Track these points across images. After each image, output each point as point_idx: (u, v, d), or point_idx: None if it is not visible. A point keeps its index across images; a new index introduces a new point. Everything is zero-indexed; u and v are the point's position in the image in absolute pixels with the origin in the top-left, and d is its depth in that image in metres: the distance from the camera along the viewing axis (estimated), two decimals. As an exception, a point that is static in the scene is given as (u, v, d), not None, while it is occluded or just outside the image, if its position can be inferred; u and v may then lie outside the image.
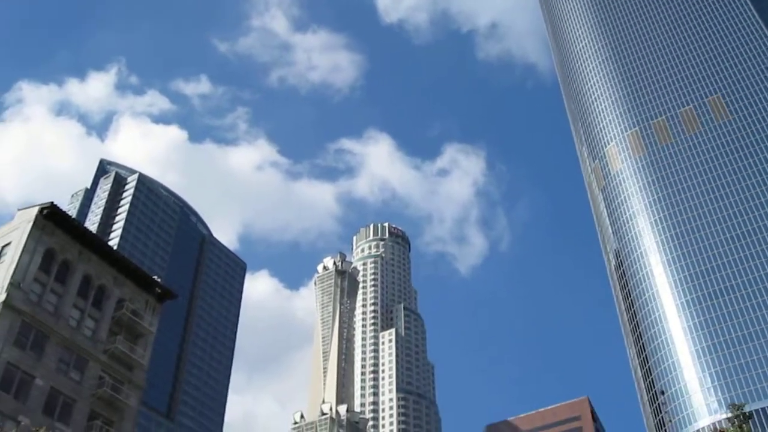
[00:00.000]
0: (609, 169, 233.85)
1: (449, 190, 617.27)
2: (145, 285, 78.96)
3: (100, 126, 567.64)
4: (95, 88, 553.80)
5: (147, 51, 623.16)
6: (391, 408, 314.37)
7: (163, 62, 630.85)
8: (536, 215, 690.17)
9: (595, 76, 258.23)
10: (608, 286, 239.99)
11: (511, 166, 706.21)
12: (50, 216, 71.00)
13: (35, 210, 70.85)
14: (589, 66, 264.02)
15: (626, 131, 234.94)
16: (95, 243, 77.15)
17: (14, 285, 65.06)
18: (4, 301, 63.53)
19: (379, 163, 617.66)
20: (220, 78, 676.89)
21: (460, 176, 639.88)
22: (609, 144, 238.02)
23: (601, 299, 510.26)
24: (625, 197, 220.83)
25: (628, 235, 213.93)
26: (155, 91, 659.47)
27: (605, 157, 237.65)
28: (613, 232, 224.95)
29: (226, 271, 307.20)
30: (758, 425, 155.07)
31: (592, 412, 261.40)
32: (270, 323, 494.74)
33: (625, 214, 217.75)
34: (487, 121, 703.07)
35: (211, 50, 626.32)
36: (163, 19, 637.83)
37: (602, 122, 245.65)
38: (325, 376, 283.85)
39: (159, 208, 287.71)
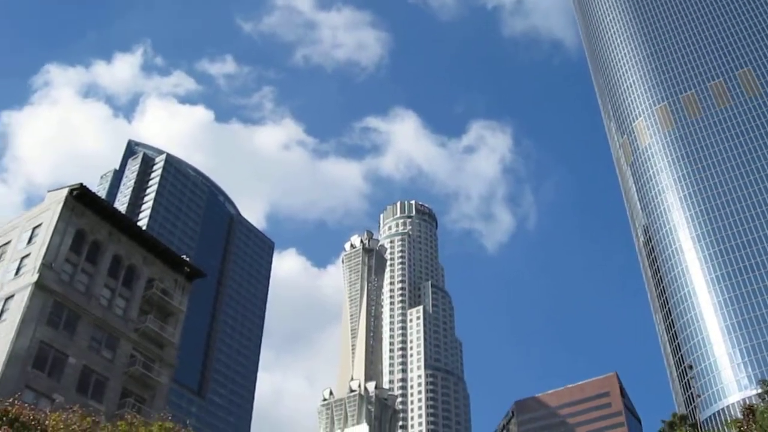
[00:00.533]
0: (637, 144, 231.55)
1: (476, 167, 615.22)
2: (174, 264, 79.75)
3: (127, 107, 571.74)
4: (121, 70, 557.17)
5: (172, 32, 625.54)
6: (419, 385, 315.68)
7: (188, 43, 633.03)
8: (563, 192, 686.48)
9: (623, 50, 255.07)
10: (637, 262, 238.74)
11: (538, 143, 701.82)
12: (80, 197, 71.81)
13: (65, 191, 71.67)
14: (616, 40, 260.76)
15: (655, 105, 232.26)
16: (125, 223, 78.06)
17: (46, 266, 66.02)
18: (37, 282, 64.53)
19: (405, 140, 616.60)
20: (245, 57, 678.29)
21: (486, 153, 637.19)
22: (637, 119, 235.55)
23: (630, 275, 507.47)
24: (653, 172, 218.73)
25: (657, 210, 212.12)
26: (181, 72, 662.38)
27: (633, 132, 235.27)
28: (641, 208, 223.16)
29: (254, 250, 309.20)
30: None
31: (621, 388, 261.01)
32: (298, 301, 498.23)
33: (654, 189, 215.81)
34: (514, 98, 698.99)
35: (235, 30, 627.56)
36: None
37: (630, 97, 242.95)
38: (353, 354, 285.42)
39: (187, 188, 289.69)
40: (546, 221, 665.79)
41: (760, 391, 67.09)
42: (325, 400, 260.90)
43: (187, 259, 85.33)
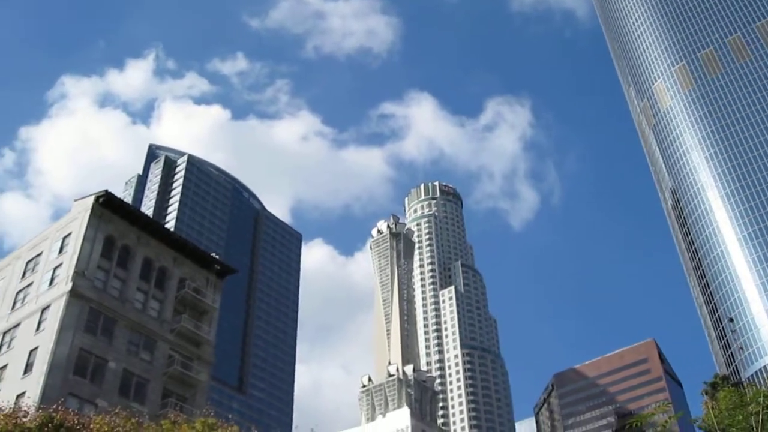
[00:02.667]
0: (658, 107, 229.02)
1: (496, 145, 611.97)
2: (204, 263, 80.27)
3: (143, 113, 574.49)
4: (134, 76, 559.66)
5: (181, 34, 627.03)
6: (456, 365, 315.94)
7: (198, 44, 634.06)
8: (587, 163, 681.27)
9: (637, 12, 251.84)
10: (666, 226, 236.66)
11: (558, 116, 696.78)
12: (106, 203, 72.43)
13: (91, 199, 72.28)
14: (629, 3, 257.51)
15: (673, 66, 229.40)
16: (152, 226, 78.72)
17: (79, 274, 66.71)
18: (71, 290, 65.23)
19: (424, 123, 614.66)
20: (255, 54, 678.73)
21: (506, 130, 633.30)
22: (656, 81, 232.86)
23: (659, 239, 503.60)
24: (677, 134, 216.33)
25: (683, 172, 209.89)
26: (194, 73, 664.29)
27: (653, 95, 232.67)
28: (667, 171, 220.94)
29: (282, 243, 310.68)
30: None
31: (659, 354, 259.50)
32: (328, 291, 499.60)
33: (679, 150, 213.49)
34: (529, 73, 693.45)
35: (243, 27, 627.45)
36: (193, 1, 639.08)
37: (648, 59, 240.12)
38: (388, 339, 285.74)
39: (211, 187, 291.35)
40: (571, 194, 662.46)
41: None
42: (364, 386, 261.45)
43: (217, 256, 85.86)
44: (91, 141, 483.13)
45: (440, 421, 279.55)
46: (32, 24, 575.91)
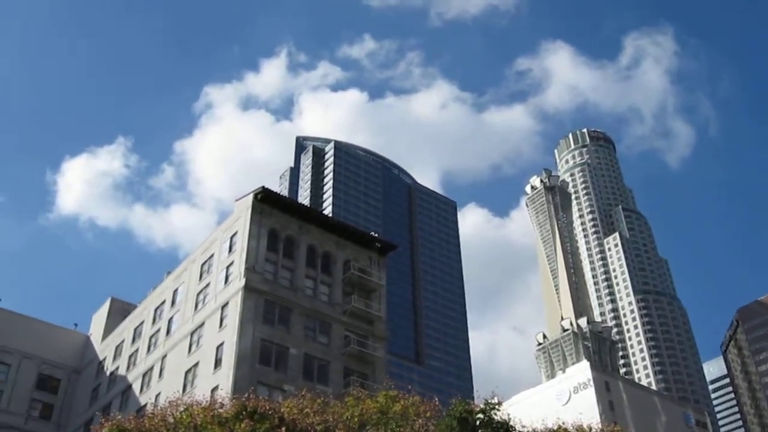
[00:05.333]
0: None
1: (642, 83, 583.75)
2: (365, 243, 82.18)
3: (284, 109, 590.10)
4: (270, 75, 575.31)
5: (307, 28, 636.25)
6: (632, 312, 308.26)
7: (324, 34, 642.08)
8: (743, 86, 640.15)
9: None
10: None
11: (705, 40, 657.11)
12: (265, 199, 75.55)
13: (250, 197, 75.62)
14: None
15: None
16: (311, 214, 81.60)
17: (249, 269, 70.08)
18: (245, 286, 68.65)
19: (563, 72, 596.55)
20: (381, 32, 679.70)
21: (650, 65, 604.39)
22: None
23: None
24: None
25: None
26: (325, 62, 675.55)
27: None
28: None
29: (437, 213, 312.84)
30: None
31: None
32: (489, 254, 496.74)
33: None
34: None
35: (365, 9, 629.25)
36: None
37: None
38: (557, 294, 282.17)
39: (361, 169, 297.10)
40: (728, 123, 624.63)
41: None
42: (539, 344, 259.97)
43: (376, 235, 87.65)
44: (241, 143, 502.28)
45: (622, 370, 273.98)
46: (170, 41, 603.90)
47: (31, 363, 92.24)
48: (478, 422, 43.83)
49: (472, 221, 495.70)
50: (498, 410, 44.39)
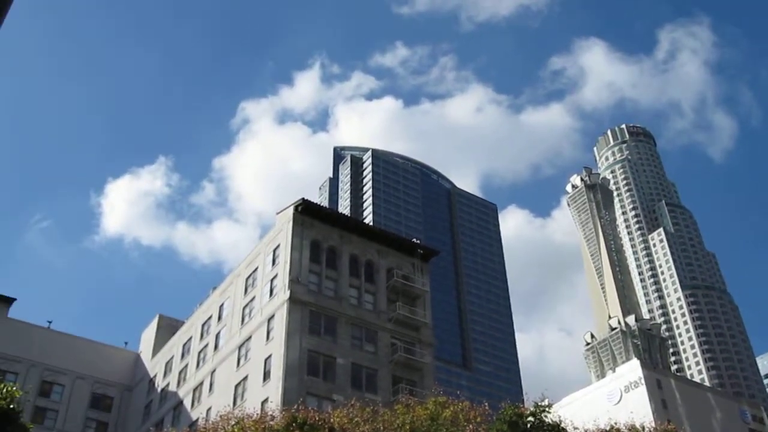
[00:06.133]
0: None
1: (680, 76, 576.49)
2: (407, 250, 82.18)
3: (320, 120, 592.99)
4: (305, 88, 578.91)
5: (339, 39, 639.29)
6: (680, 307, 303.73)
7: (356, 44, 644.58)
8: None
9: None
10: None
11: (744, 28, 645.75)
12: (305, 210, 76.01)
13: (291, 210, 76.13)
14: None
15: None
16: (352, 224, 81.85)
17: (294, 281, 70.49)
18: (290, 298, 69.04)
19: (599, 69, 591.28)
20: (413, 39, 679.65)
21: (687, 57, 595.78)
22: None
23: None
24: None
25: None
26: (359, 72, 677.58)
27: None
28: None
29: (478, 217, 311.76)
30: None
31: None
32: (532, 256, 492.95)
33: None
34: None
35: (395, 17, 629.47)
36: (342, 2, 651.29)
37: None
38: (604, 292, 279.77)
39: (399, 176, 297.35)
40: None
41: None
42: (588, 344, 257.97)
43: (418, 241, 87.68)
44: (279, 157, 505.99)
45: (674, 367, 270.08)
46: (206, 59, 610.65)
47: (85, 383, 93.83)
48: (528, 425, 43.59)
49: (513, 223, 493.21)
50: (549, 412, 44.20)
